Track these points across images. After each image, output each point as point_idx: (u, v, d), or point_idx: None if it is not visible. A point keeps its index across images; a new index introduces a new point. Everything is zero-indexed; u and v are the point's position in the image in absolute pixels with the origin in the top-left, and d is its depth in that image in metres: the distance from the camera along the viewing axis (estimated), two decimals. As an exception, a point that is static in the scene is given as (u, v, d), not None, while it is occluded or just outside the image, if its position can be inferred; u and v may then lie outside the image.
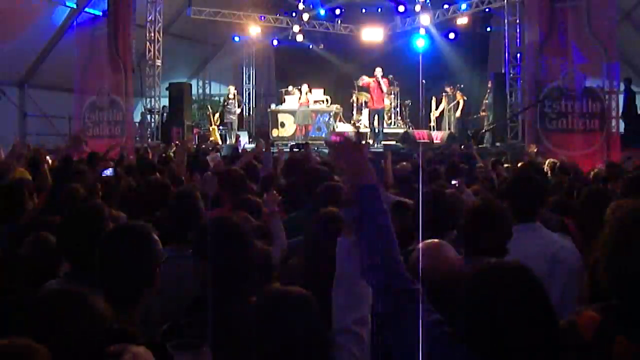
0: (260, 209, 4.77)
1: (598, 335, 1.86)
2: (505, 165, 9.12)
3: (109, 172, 6.46)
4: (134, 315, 2.41)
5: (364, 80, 17.10)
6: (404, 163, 7.66)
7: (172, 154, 9.90)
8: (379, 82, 16.34)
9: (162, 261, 2.64)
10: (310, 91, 18.93)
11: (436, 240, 2.61)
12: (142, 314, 2.49)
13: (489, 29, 19.53)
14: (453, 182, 5.80)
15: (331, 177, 5.35)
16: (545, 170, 8.06)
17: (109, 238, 2.61)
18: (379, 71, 16.51)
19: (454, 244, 2.97)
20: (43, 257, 3.21)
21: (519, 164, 8.55)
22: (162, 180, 5.01)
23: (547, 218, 4.49)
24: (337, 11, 20.15)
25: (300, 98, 18.83)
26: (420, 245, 2.52)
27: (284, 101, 19.47)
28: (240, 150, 10.81)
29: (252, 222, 3.87)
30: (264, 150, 7.45)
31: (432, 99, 18.92)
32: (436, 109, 18.91)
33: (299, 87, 19.04)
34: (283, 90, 20.05)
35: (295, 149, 7.52)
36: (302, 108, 18.50)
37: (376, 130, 16.63)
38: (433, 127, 18.73)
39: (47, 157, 7.47)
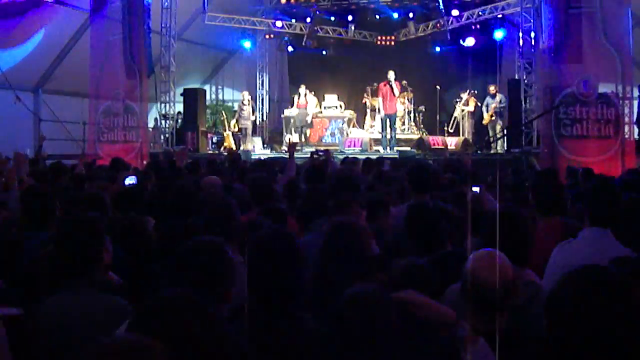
0: (286, 217, 4.82)
1: None
2: None
3: (132, 179, 6.49)
4: None
5: (375, 86, 16.95)
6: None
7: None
8: (391, 86, 16.01)
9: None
10: (308, 92, 18.65)
11: (489, 249, 2.59)
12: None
13: (502, 36, 19.45)
14: (474, 188, 5.76)
15: (356, 183, 5.39)
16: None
17: (185, 254, 2.53)
18: (391, 75, 16.15)
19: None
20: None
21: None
22: (191, 186, 5.03)
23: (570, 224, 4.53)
24: (350, 17, 20.14)
25: (299, 101, 18.60)
26: (473, 254, 2.53)
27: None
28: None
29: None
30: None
31: (455, 103, 18.84)
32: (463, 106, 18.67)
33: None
34: (295, 95, 20.06)
35: (315, 155, 7.52)
36: (300, 110, 18.31)
37: (388, 136, 16.35)
38: (447, 131, 18.68)
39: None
